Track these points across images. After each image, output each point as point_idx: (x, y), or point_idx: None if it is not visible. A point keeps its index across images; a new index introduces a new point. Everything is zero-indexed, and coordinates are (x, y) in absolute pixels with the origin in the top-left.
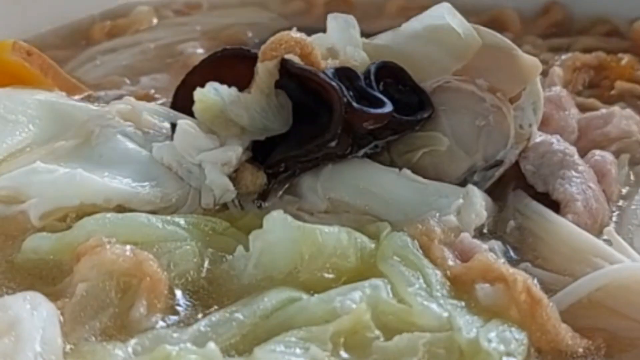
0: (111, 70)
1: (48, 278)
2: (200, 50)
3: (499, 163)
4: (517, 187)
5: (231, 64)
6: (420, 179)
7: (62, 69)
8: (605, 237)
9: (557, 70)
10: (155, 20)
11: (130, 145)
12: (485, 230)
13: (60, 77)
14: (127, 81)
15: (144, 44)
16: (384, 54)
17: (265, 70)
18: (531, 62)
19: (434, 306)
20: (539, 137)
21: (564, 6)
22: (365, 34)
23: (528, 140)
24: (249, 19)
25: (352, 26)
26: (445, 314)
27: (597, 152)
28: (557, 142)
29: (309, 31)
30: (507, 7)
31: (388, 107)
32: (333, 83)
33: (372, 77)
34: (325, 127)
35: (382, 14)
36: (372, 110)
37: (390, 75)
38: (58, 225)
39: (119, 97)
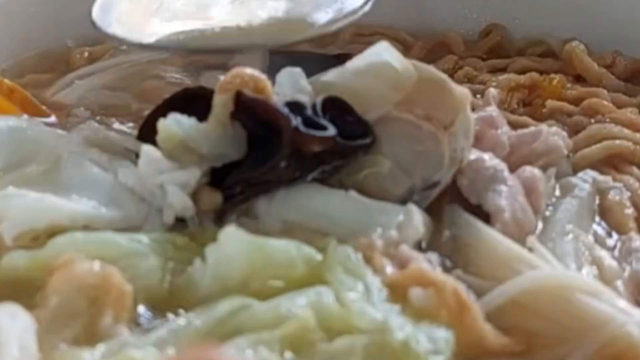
0: (87, 93)
1: (25, 291)
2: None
3: (436, 184)
4: (452, 200)
5: (192, 102)
6: (365, 199)
7: (43, 94)
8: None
9: (492, 92)
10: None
11: (97, 170)
12: (423, 244)
13: (39, 113)
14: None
15: (118, 66)
16: (330, 90)
17: (221, 102)
18: (462, 92)
19: (371, 310)
20: (473, 154)
21: (503, 28)
22: (321, 56)
23: (461, 162)
24: None
25: (301, 77)
26: (381, 317)
27: (528, 168)
28: (489, 159)
29: (269, 54)
30: (452, 30)
31: (332, 131)
32: (282, 110)
33: (319, 108)
34: (275, 150)
35: (336, 39)
36: (317, 133)
37: (335, 108)
38: (31, 245)
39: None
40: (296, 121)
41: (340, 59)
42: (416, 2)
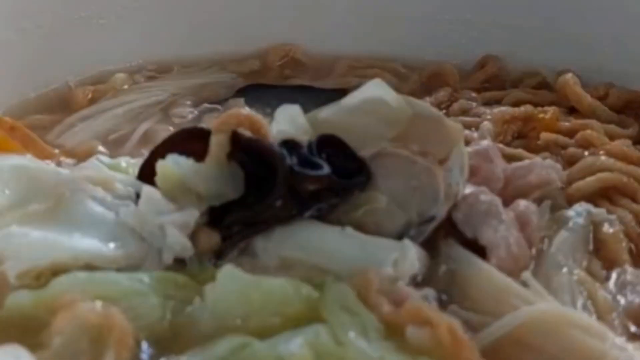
0: (88, 136)
1: (29, 331)
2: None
3: (432, 218)
4: (448, 234)
5: (189, 141)
6: (361, 235)
7: (47, 136)
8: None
9: (487, 125)
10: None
11: (98, 208)
12: (419, 278)
13: (40, 149)
14: (102, 148)
15: (120, 107)
16: (326, 127)
17: (217, 143)
18: (455, 127)
19: (367, 348)
20: (467, 189)
21: (498, 60)
22: (317, 90)
23: (456, 196)
24: (212, 79)
25: (299, 114)
26: (377, 355)
27: (522, 202)
28: (484, 194)
29: (265, 89)
30: (447, 62)
31: (326, 170)
32: (277, 150)
33: (314, 147)
34: (271, 189)
35: (332, 72)
36: (312, 172)
37: (331, 146)
38: (34, 283)
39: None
40: (291, 160)
41: (340, 93)
42: (411, 34)
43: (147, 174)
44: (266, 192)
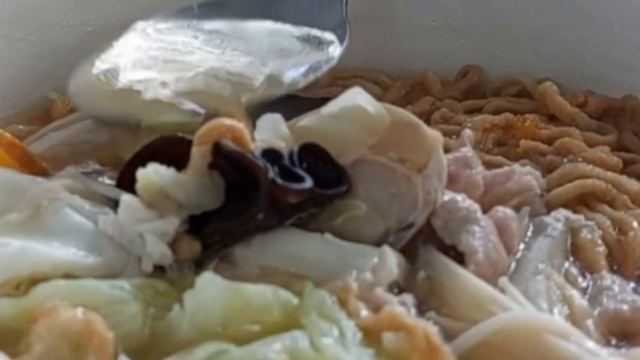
0: (60, 144)
1: (9, 339)
2: None
3: (410, 225)
4: (427, 240)
5: (168, 149)
6: (340, 242)
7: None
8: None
9: (467, 132)
10: None
11: (77, 217)
12: (398, 284)
13: (37, 168)
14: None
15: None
16: (307, 135)
17: (198, 154)
18: (434, 135)
19: (344, 354)
20: (446, 195)
21: (479, 69)
22: (300, 99)
23: (434, 203)
24: None
25: (280, 123)
26: None
27: (500, 208)
28: (462, 200)
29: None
30: (429, 71)
31: (308, 183)
32: (259, 162)
33: (295, 157)
34: (253, 201)
35: (314, 83)
36: (294, 186)
37: (312, 155)
38: (13, 292)
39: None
40: (273, 172)
41: (323, 103)
42: (393, 44)
43: (125, 181)
44: (247, 203)
